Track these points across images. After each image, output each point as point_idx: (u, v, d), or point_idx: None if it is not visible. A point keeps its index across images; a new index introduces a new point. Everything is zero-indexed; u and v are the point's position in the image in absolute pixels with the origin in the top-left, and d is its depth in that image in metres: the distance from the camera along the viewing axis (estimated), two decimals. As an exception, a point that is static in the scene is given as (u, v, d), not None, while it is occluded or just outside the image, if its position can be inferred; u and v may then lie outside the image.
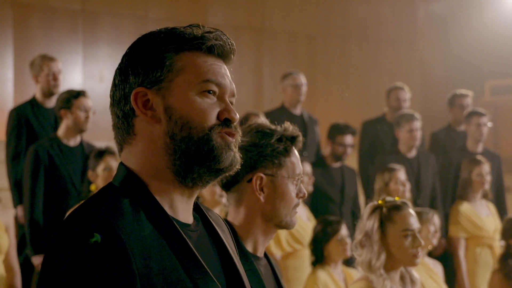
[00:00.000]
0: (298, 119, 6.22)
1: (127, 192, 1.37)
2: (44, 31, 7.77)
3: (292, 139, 2.17)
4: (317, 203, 5.46)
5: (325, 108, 8.96)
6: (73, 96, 4.77)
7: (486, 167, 5.54)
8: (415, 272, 3.05)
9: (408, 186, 5.19)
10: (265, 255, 2.22)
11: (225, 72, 1.44)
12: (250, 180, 2.14)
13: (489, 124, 6.18)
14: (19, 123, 5.18)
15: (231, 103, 1.44)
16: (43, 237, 4.66)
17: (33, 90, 5.51)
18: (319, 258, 4.42)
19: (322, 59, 9.75)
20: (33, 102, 5.30)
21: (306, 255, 4.88)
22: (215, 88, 1.41)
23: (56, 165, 4.77)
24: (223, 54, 1.44)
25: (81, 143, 4.95)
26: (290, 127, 2.19)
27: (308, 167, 5.05)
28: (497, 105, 9.30)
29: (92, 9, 8.10)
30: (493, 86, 9.79)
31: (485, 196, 5.62)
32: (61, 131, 4.87)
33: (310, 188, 5.09)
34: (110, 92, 1.45)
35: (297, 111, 6.25)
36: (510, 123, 9.26)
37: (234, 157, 1.41)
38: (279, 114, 6.00)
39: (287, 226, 2.16)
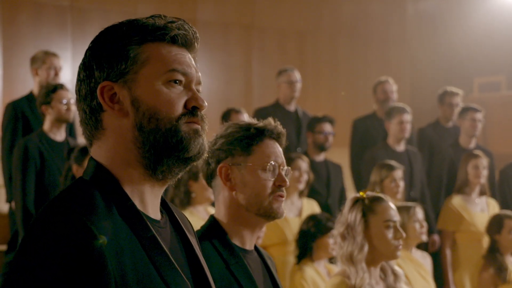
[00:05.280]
0: (293, 115, 6.23)
1: (98, 187, 1.36)
2: (33, 27, 7.74)
3: (262, 129, 2.16)
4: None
5: (314, 105, 8.96)
6: (51, 91, 4.77)
7: (483, 161, 5.58)
8: (396, 266, 3.05)
9: (402, 186, 5.19)
10: (256, 249, 2.22)
11: (190, 61, 1.44)
12: None
13: (483, 120, 6.24)
14: (15, 117, 5.20)
15: (198, 91, 1.44)
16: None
17: (22, 87, 5.52)
18: (306, 253, 4.41)
19: (311, 56, 9.76)
20: (30, 97, 5.32)
21: (292, 251, 4.89)
22: (181, 77, 1.41)
23: (45, 159, 4.77)
24: (187, 43, 1.45)
25: (67, 138, 4.96)
26: (267, 121, 2.19)
27: (302, 164, 5.06)
28: (485, 102, 9.32)
29: (81, 5, 8.08)
30: (481, 83, 9.83)
31: (483, 193, 5.64)
32: (46, 126, 4.86)
33: (301, 186, 5.09)
34: (76, 87, 1.44)
35: (292, 107, 6.27)
36: (498, 120, 9.30)
37: (202, 145, 1.42)
38: (273, 110, 6.02)
39: (270, 214, 2.13)
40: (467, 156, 5.67)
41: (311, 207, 5.14)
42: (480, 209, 5.59)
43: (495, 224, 4.92)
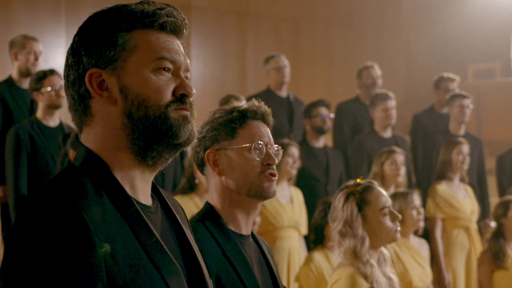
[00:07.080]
0: (285, 101, 6.24)
1: (88, 173, 1.37)
2: (27, 13, 7.71)
3: (245, 111, 2.16)
4: (302, 182, 5.49)
5: (309, 92, 8.96)
6: (41, 77, 4.77)
7: (466, 147, 5.60)
8: (385, 250, 3.06)
9: (403, 170, 5.19)
10: (252, 234, 2.22)
11: (179, 48, 1.45)
12: None
13: (471, 106, 6.25)
14: None
15: (186, 78, 1.44)
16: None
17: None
18: (319, 239, 4.45)
19: (306, 43, 9.75)
20: (9, 82, 5.29)
21: (285, 236, 4.91)
22: (169, 65, 1.41)
23: (38, 146, 4.78)
24: (176, 30, 1.45)
25: (61, 124, 4.96)
26: (250, 103, 2.20)
27: (295, 151, 5.08)
28: (479, 88, 9.36)
29: (75, -8, 8.04)
30: (476, 70, 9.84)
31: (462, 180, 5.68)
32: (39, 113, 4.89)
33: (294, 172, 5.11)
34: (64, 73, 1.44)
35: (283, 93, 6.28)
36: (492, 107, 9.33)
37: (191, 131, 1.42)
38: (265, 97, 6.00)
39: (261, 194, 2.13)
40: (450, 142, 5.69)
41: (298, 195, 5.18)
42: (463, 195, 5.62)
43: (501, 208, 4.96)
